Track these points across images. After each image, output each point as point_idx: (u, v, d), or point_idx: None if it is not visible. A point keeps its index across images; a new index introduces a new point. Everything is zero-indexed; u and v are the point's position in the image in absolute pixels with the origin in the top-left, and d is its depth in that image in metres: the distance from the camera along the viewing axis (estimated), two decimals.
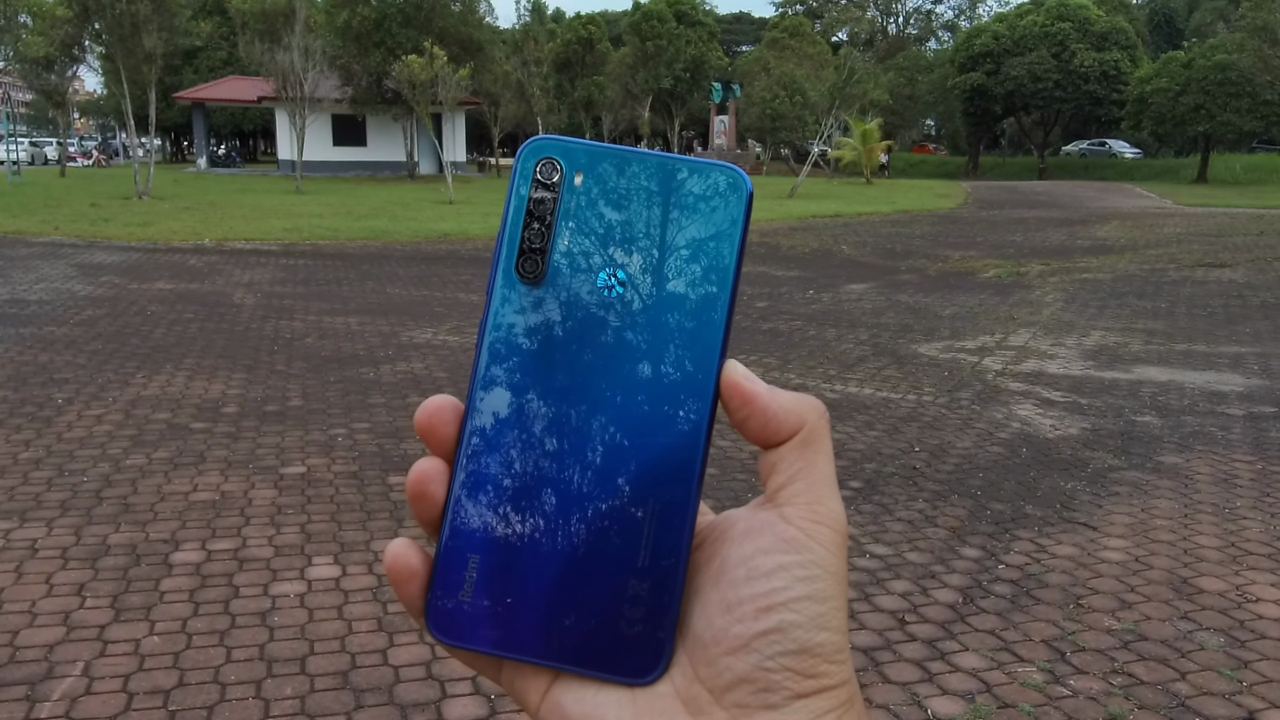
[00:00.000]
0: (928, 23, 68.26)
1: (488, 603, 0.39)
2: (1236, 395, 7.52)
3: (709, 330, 0.39)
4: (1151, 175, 46.31)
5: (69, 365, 7.71)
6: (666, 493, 0.39)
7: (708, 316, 0.39)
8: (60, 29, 26.68)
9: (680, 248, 0.39)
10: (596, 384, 0.39)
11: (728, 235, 0.39)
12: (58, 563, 4.21)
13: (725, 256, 0.39)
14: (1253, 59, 30.76)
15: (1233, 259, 16.20)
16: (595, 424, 0.39)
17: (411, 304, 11.19)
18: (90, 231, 17.69)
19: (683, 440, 0.39)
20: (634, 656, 0.38)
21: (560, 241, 0.40)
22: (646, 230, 0.40)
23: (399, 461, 5.62)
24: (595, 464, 0.39)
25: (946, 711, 3.25)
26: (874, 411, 6.89)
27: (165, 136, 62.41)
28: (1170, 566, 4.43)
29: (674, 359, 0.39)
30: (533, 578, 0.39)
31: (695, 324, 0.39)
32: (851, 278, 14.18)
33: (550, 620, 0.39)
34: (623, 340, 0.39)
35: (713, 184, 0.40)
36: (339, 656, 3.50)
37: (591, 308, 0.39)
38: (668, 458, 0.39)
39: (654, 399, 0.39)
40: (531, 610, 0.39)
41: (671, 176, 0.40)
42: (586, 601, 0.38)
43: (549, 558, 0.39)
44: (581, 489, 0.39)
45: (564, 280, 0.40)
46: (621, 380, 0.39)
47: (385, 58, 34.75)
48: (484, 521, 0.39)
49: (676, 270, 0.39)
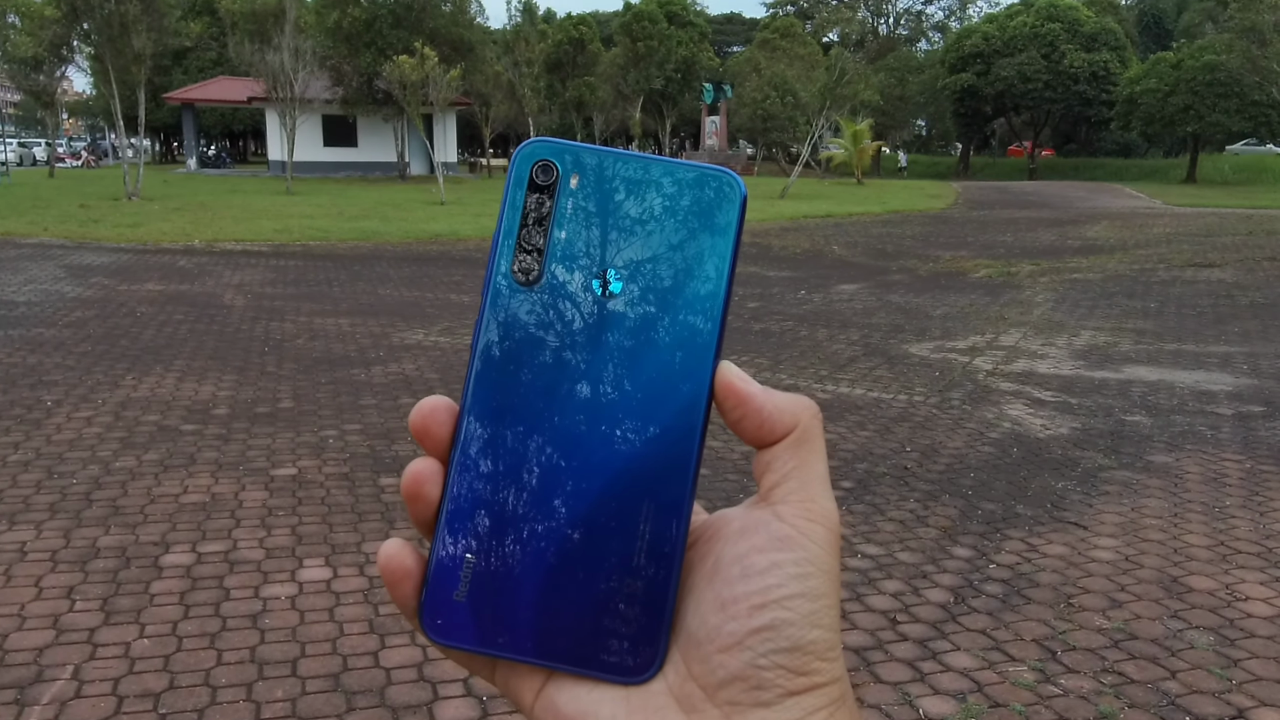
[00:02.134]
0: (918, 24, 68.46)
1: (482, 603, 0.39)
2: (1225, 394, 7.55)
3: (703, 332, 0.39)
4: (1140, 175, 46.53)
5: (58, 367, 7.68)
6: (661, 492, 0.39)
7: (702, 318, 0.39)
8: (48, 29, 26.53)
9: (675, 250, 0.40)
10: (591, 385, 0.39)
11: (722, 238, 0.40)
12: (47, 565, 4.19)
13: (719, 259, 0.40)
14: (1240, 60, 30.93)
15: (1221, 259, 16.28)
16: (589, 425, 0.39)
17: (403, 305, 11.17)
18: (79, 233, 17.62)
19: (677, 440, 0.39)
20: (629, 656, 0.38)
21: (555, 243, 0.40)
22: (641, 232, 0.40)
23: (390, 463, 5.61)
24: (590, 464, 0.39)
25: (938, 711, 3.26)
26: (865, 412, 6.90)
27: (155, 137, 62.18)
28: (1160, 565, 4.45)
29: (668, 360, 0.39)
30: (527, 578, 0.39)
31: (689, 325, 0.39)
32: (843, 278, 14.20)
33: (545, 620, 0.39)
34: (617, 341, 0.39)
35: (707, 187, 0.40)
36: (330, 659, 3.49)
37: (586, 309, 0.40)
38: (662, 457, 0.39)
39: (648, 400, 0.39)
40: (526, 610, 0.39)
41: (666, 179, 0.40)
42: (581, 601, 0.39)
43: (543, 558, 0.39)
44: (576, 489, 0.39)
45: (559, 282, 0.40)
46: (616, 381, 0.39)
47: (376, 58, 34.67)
48: (478, 522, 0.39)
49: (671, 272, 0.40)
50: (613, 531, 0.39)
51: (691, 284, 0.40)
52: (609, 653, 0.38)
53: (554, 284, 0.40)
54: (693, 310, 0.39)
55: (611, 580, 0.39)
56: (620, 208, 0.40)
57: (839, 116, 36.08)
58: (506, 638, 0.39)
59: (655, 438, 0.39)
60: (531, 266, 0.40)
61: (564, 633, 0.39)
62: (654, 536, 0.39)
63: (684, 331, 0.39)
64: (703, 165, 0.40)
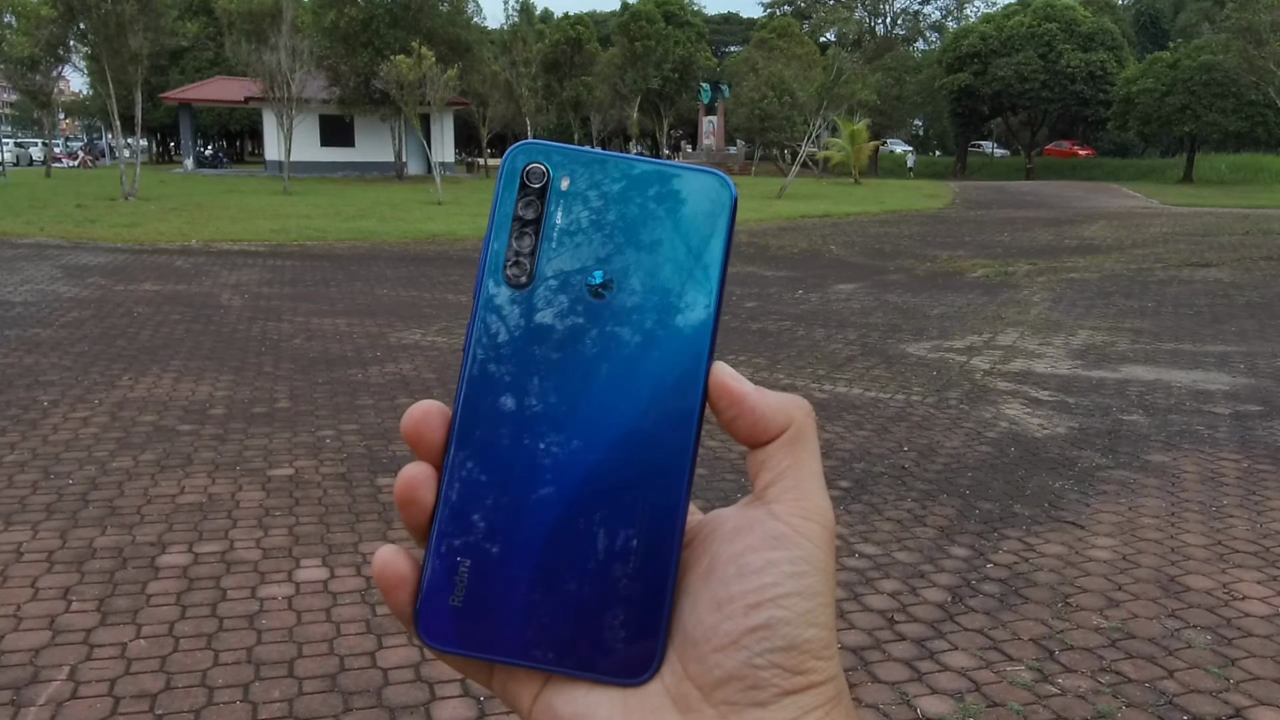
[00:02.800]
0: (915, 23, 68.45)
1: (478, 607, 0.39)
2: (1223, 394, 7.56)
3: (696, 332, 0.39)
4: (1137, 175, 46.59)
5: (54, 367, 7.67)
6: (656, 494, 0.39)
7: (694, 318, 0.39)
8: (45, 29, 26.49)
9: (666, 251, 0.40)
10: (584, 387, 0.39)
11: (713, 238, 0.40)
12: (43, 566, 4.18)
13: (711, 259, 0.40)
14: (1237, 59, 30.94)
15: (1219, 258, 16.30)
16: (583, 427, 0.39)
17: (400, 305, 11.17)
18: (76, 233, 17.60)
19: (672, 441, 0.39)
20: (626, 658, 0.38)
21: (547, 245, 0.40)
22: (633, 234, 0.40)
23: (387, 463, 5.60)
24: (584, 466, 0.39)
25: (936, 710, 3.26)
26: (863, 411, 6.90)
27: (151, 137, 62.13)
28: (1158, 565, 4.45)
29: (661, 361, 0.39)
30: (522, 581, 0.39)
31: (682, 326, 0.39)
32: (840, 278, 14.21)
33: (541, 623, 0.38)
34: (610, 343, 0.39)
35: (697, 188, 0.40)
36: (327, 659, 3.49)
37: (578, 311, 0.39)
38: (657, 458, 0.39)
39: (642, 401, 0.39)
40: (522, 614, 0.39)
41: (657, 181, 0.40)
42: (577, 604, 0.38)
43: (538, 561, 0.39)
44: (570, 492, 0.39)
45: (551, 283, 0.40)
46: (609, 382, 0.39)
47: (373, 58, 34.67)
48: (473, 526, 0.39)
49: (663, 273, 0.40)
50: (608, 533, 0.39)
51: (683, 285, 0.39)
52: (606, 655, 0.38)
53: (545, 286, 0.40)
54: (685, 311, 0.39)
55: (607, 582, 0.38)
56: (611, 210, 0.40)
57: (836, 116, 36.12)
58: (503, 642, 0.39)
59: (649, 439, 0.39)
60: (523, 269, 0.40)
61: (560, 636, 0.38)
62: (649, 538, 0.38)
63: (676, 332, 0.39)
64: (692, 166, 0.40)
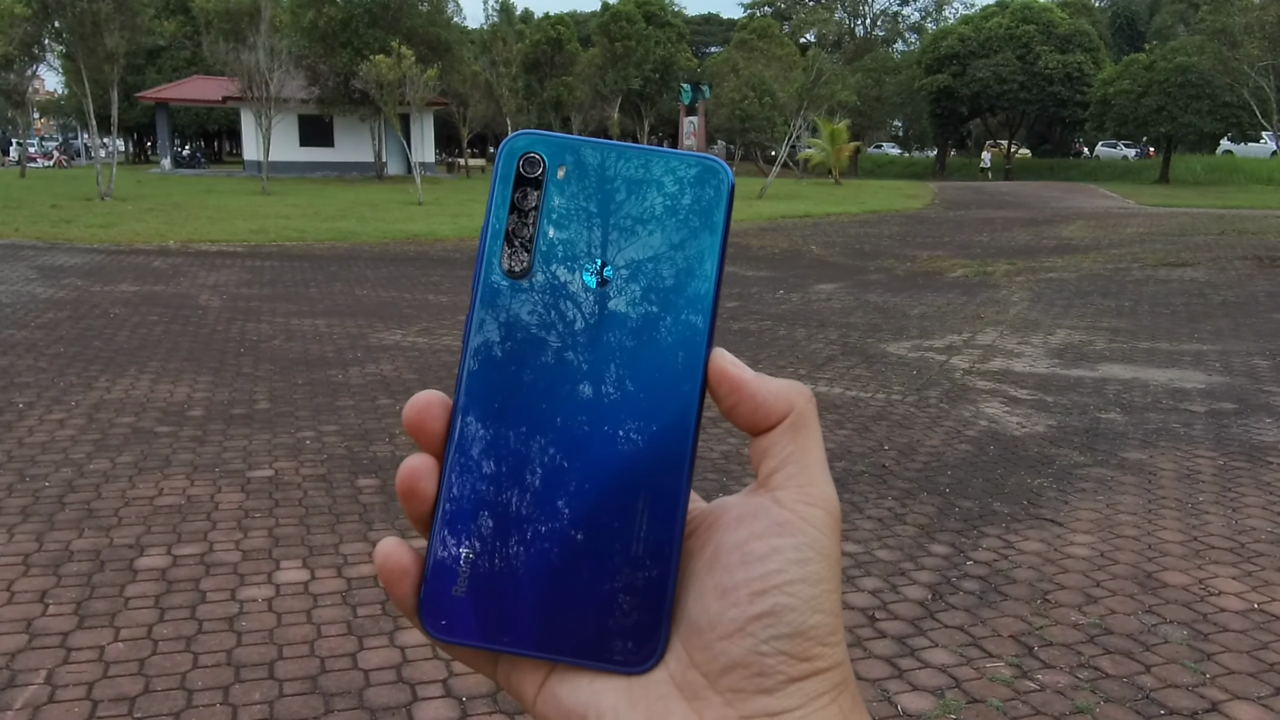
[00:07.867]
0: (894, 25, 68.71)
1: (481, 597, 0.39)
2: (1198, 392, 7.64)
3: (695, 319, 0.39)
4: (1114, 176, 46.97)
5: (30, 369, 7.58)
6: (658, 481, 0.39)
7: (693, 306, 0.39)
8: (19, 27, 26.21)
9: (664, 238, 0.40)
10: (584, 376, 0.39)
11: (711, 225, 0.40)
12: (19, 569, 4.14)
13: (709, 246, 0.40)
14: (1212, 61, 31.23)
15: (1194, 258, 16.47)
16: (584, 415, 0.39)
17: (380, 305, 11.11)
18: (51, 233, 17.41)
19: (673, 428, 0.39)
20: (630, 646, 0.38)
21: (545, 235, 0.40)
22: (630, 222, 0.40)
23: (368, 464, 5.58)
24: (585, 455, 0.39)
25: (916, 707, 3.27)
26: (843, 410, 6.93)
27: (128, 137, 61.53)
28: (1135, 561, 4.49)
29: (661, 349, 0.39)
30: (526, 571, 0.39)
31: (681, 313, 0.39)
32: (821, 278, 14.26)
33: (545, 612, 0.39)
34: (610, 331, 0.39)
35: (695, 175, 0.40)
36: (308, 661, 3.47)
37: (577, 300, 0.39)
38: (658, 446, 0.39)
39: (642, 389, 0.39)
40: (526, 603, 0.39)
41: (654, 168, 0.40)
42: (581, 592, 0.39)
43: (542, 550, 0.39)
44: (572, 480, 0.39)
45: (549, 273, 0.40)
46: (609, 371, 0.39)
47: (352, 58, 34.49)
48: (475, 516, 0.39)
49: (661, 261, 0.40)
50: (611, 522, 0.39)
51: (682, 272, 0.40)
52: (610, 643, 0.38)
53: (544, 276, 0.40)
54: (684, 298, 0.39)
55: (611, 571, 0.39)
56: (608, 198, 0.40)
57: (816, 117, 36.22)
58: (507, 632, 0.39)
59: (650, 426, 0.39)
60: (521, 259, 0.40)
61: (564, 625, 0.38)
62: (652, 525, 0.38)
63: (676, 320, 0.39)
64: (689, 154, 0.40)
